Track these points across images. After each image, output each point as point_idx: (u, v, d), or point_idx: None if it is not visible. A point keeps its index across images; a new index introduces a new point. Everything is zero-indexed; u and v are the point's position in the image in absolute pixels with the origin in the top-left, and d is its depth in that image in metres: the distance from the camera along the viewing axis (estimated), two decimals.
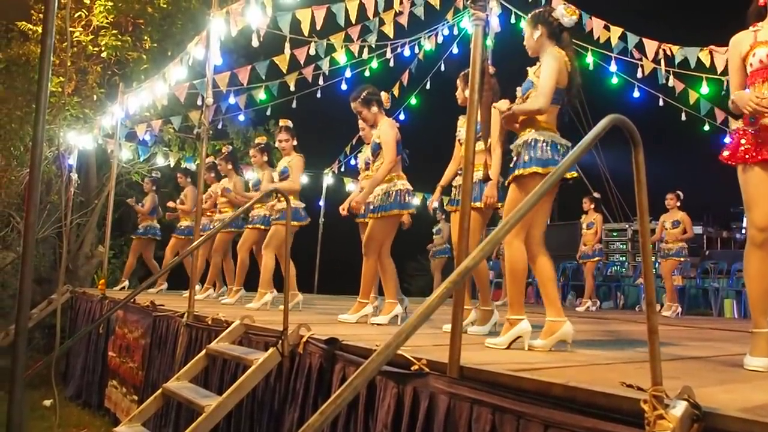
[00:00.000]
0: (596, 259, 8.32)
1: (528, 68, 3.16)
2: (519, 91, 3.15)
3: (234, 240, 6.62)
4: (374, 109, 4.34)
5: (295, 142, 5.62)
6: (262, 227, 5.83)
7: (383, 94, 4.43)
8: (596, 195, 8.63)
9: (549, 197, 3.04)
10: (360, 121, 4.79)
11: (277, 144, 5.74)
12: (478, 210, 3.74)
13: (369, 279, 4.21)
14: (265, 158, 6.09)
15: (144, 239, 8.00)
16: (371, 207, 4.25)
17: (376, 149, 4.26)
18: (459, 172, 3.86)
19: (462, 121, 3.94)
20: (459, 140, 3.89)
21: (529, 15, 3.17)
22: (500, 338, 2.82)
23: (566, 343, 2.82)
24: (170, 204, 7.82)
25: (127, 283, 7.94)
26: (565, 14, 3.03)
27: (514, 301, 2.88)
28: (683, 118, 7.81)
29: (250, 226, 5.95)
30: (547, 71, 2.90)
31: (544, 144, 2.90)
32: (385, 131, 4.21)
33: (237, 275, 6.09)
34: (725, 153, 2.63)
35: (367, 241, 4.17)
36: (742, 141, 2.56)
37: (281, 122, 5.77)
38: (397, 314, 4.14)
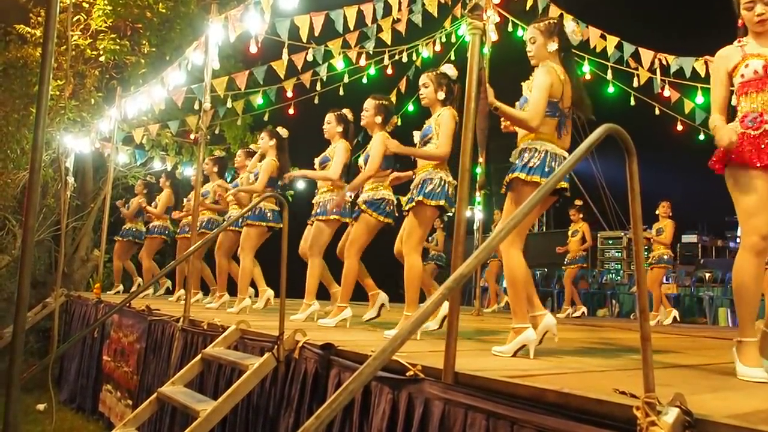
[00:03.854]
0: (575, 266, 8.30)
1: (522, 83, 3.12)
2: (516, 107, 3.07)
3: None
4: (441, 94, 3.90)
5: (339, 128, 4.99)
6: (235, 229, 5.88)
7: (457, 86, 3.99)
8: (578, 202, 8.58)
9: (541, 208, 3.02)
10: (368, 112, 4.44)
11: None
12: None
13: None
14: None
15: (156, 239, 7.98)
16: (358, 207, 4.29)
17: (427, 133, 3.86)
18: None
19: None
20: None
21: (543, 24, 3.04)
22: (506, 346, 2.82)
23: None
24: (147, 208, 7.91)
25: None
26: (576, 31, 3.04)
27: (516, 310, 2.86)
28: (679, 127, 7.86)
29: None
30: (537, 88, 2.86)
31: (545, 154, 2.88)
32: (445, 121, 3.79)
33: (219, 279, 6.15)
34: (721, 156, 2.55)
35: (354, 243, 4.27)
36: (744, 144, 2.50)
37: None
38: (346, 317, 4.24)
